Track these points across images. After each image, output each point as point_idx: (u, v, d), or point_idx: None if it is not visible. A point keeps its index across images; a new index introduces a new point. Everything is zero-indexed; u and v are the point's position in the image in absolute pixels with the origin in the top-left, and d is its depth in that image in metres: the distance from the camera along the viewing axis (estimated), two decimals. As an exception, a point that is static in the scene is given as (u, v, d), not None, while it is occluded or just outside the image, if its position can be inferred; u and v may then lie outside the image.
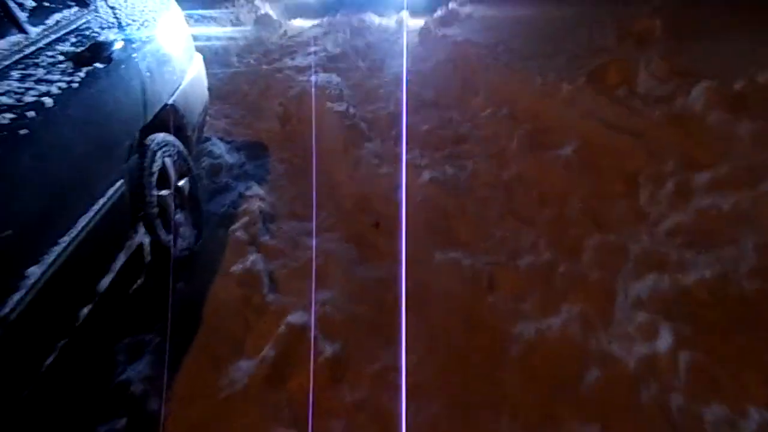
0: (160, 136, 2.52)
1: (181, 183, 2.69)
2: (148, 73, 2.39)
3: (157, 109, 2.49)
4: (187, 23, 6.97)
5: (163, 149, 2.53)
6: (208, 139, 3.91)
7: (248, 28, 7.75)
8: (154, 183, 2.41)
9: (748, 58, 3.78)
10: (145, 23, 2.56)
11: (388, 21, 7.96)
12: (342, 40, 6.82)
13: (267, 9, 8.75)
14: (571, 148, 3.37)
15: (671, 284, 2.09)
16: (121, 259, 2.10)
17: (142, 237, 2.27)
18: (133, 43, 2.36)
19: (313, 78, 5.23)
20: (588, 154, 3.28)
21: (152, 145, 2.43)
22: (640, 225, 2.59)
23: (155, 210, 2.38)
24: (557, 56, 4.86)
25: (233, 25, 7.63)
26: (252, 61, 6.20)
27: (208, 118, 3.70)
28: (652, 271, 2.21)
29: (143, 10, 2.60)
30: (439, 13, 7.74)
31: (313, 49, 6.47)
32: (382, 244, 2.86)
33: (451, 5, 8.17)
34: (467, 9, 7.66)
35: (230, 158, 3.75)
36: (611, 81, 4.11)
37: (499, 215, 3.00)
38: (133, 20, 2.45)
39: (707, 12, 5.73)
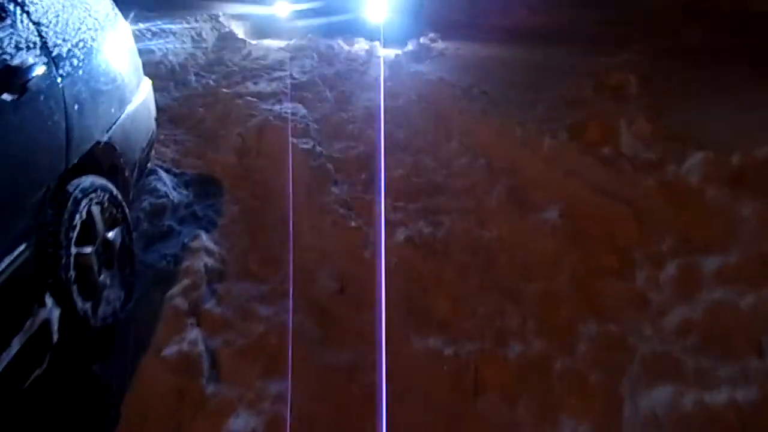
0: (88, 181, 2.06)
1: (110, 235, 2.21)
2: (76, 106, 1.93)
3: (85, 149, 2.02)
4: (143, 37, 6.49)
5: (91, 196, 2.06)
6: (152, 172, 3.42)
7: (210, 45, 7.27)
8: (74, 239, 1.94)
9: (736, 124, 3.63)
10: (81, 44, 2.10)
11: (358, 49, 7.65)
12: (309, 67, 6.44)
13: (232, 27, 8.30)
14: (556, 211, 3.07)
15: (693, 403, 1.77)
16: (16, 345, 1.61)
17: (50, 311, 1.78)
18: (61, 68, 1.90)
19: (277, 107, 4.82)
20: (575, 220, 2.99)
21: (76, 193, 1.96)
22: (642, 314, 2.29)
23: (71, 274, 1.90)
24: (535, 105, 4.63)
25: (194, 41, 7.13)
26: (211, 83, 5.71)
27: (153, 151, 3.22)
28: (665, 379, 1.90)
29: (79, 28, 2.14)
30: (410, 46, 7.50)
31: (278, 74, 6.06)
32: (349, 318, 2.45)
33: (422, 40, 7.96)
34: (439, 45, 7.45)
35: (177, 196, 3.27)
36: (593, 138, 3.88)
37: (480, 286, 2.64)
38: (64, 40, 1.99)
39: (677, 65, 5.70)
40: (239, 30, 8.42)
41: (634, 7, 9.57)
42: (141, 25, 6.80)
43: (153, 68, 5.80)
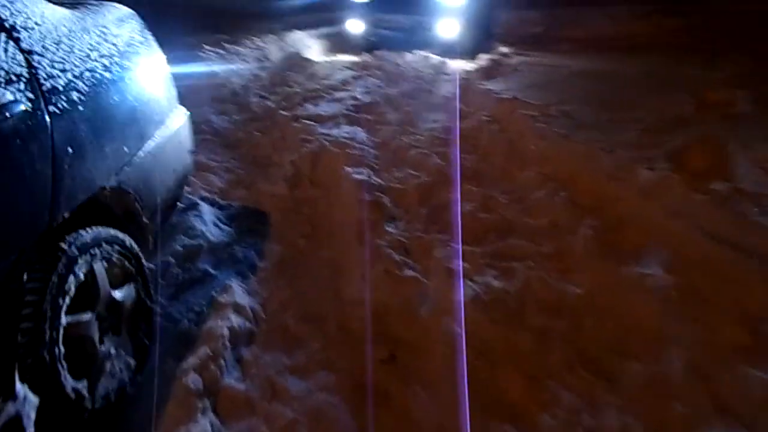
0: (90, 235, 1.72)
1: (119, 294, 1.87)
2: (70, 149, 1.59)
3: (84, 198, 1.69)
4: (208, 59, 6.36)
5: (93, 252, 1.72)
6: (193, 206, 3.12)
7: (275, 66, 7.09)
8: (65, 307, 1.59)
9: None
10: (88, 74, 1.78)
11: (426, 66, 7.22)
12: (374, 86, 6.07)
13: (299, 46, 8.13)
14: (660, 264, 2.45)
15: None
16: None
17: (21, 404, 1.44)
18: (53, 104, 1.58)
19: (334, 131, 4.46)
20: (687, 276, 2.36)
21: (70, 250, 1.63)
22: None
23: (58, 351, 1.56)
24: (625, 127, 3.98)
25: (259, 62, 6.97)
26: (271, 105, 5.46)
27: (189, 181, 2.90)
28: None
29: (88, 56, 1.83)
30: (481, 62, 6.98)
31: (340, 94, 5.72)
32: (398, 396, 1.98)
33: (494, 54, 7.43)
34: (513, 60, 6.88)
35: (216, 234, 2.94)
36: (700, 168, 3.20)
37: (563, 362, 2.09)
38: (63, 70, 1.67)
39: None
40: (306, 49, 8.24)
41: (722, 13, 8.57)
42: (207, 47, 6.72)
43: (214, 91, 5.65)
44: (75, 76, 1.70)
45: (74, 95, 1.68)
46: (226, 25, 7.84)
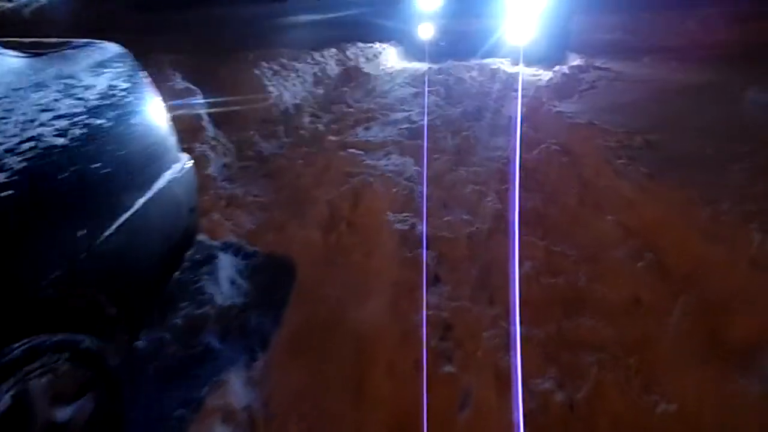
0: (20, 349, 1.33)
1: (64, 414, 1.48)
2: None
3: (13, 304, 1.31)
4: (262, 77, 6.07)
5: (25, 370, 1.33)
6: (210, 259, 2.74)
7: (332, 82, 6.73)
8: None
9: None
10: (27, 146, 1.39)
11: (492, 80, 6.61)
12: (433, 106, 5.54)
13: (360, 60, 7.73)
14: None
15: None
16: None
17: None
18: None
19: (382, 162, 3.99)
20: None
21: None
22: None
23: None
24: (728, 166, 3.23)
25: (316, 78, 6.62)
26: (321, 128, 5.06)
27: (195, 241, 2.49)
28: None
29: (34, 120, 1.44)
30: (554, 77, 6.26)
31: (396, 115, 5.24)
32: None
33: (568, 68, 6.68)
34: (589, 75, 6.11)
35: (228, 295, 2.53)
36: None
37: None
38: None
39: None
40: (367, 62, 7.84)
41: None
42: (264, 64, 6.45)
43: (264, 112, 5.34)
44: (6, 150, 1.32)
45: (3, 174, 1.29)
46: (286, 40, 7.57)
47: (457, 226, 3.12)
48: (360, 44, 8.03)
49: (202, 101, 4.95)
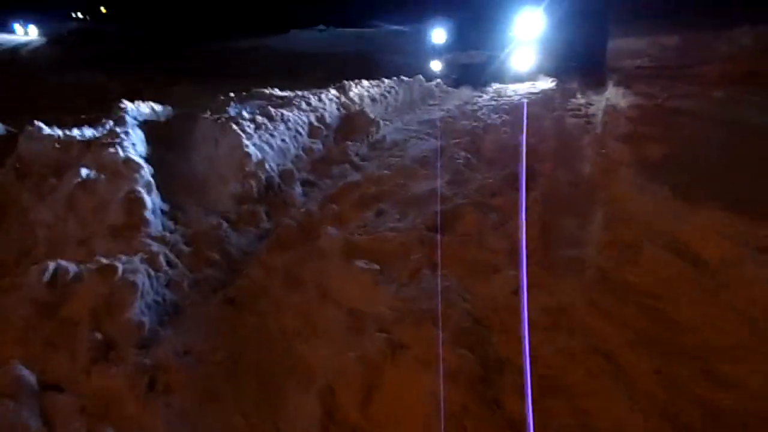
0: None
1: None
2: None
3: None
4: (245, 133, 4.46)
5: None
6: None
7: (332, 133, 5.27)
8: None
9: None
10: None
11: (523, 115, 5.16)
12: (462, 165, 4.07)
13: (365, 101, 6.28)
14: None
15: None
16: None
17: None
18: None
19: (410, 291, 2.47)
20: None
21: None
22: None
23: None
24: None
25: (311, 130, 5.12)
26: (315, 209, 3.55)
27: None
28: None
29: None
30: (590, 109, 4.77)
31: (416, 188, 3.75)
32: None
33: (609, 90, 5.21)
34: (634, 108, 4.64)
35: None
36: None
37: None
38: None
39: None
40: (373, 104, 6.40)
41: None
42: (247, 116, 5.01)
43: (239, 186, 3.87)
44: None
45: None
46: (275, 78, 6.16)
47: None
48: (365, 83, 6.62)
49: (150, 174, 3.48)
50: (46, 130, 4.25)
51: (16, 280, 2.41)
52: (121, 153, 3.51)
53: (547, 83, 7.92)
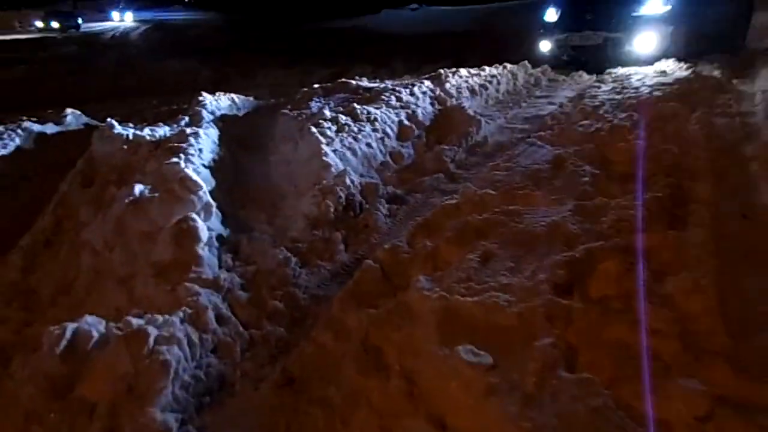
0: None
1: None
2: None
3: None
4: (321, 133, 3.77)
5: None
6: None
7: (423, 133, 4.51)
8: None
9: None
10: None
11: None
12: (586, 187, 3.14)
13: (462, 96, 5.42)
14: None
15: None
16: None
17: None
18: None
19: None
20: None
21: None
22: None
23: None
24: None
25: (402, 128, 4.42)
26: (404, 247, 2.84)
27: None
28: None
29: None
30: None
31: (534, 216, 2.91)
32: None
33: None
34: None
35: None
36: None
37: None
38: None
39: None
40: (474, 98, 5.52)
41: None
42: (328, 115, 4.37)
43: (314, 207, 3.22)
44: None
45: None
46: (361, 63, 5.47)
47: None
48: (463, 72, 5.74)
49: (211, 190, 2.93)
50: (118, 129, 3.85)
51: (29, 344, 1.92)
52: (182, 164, 2.98)
53: (678, 69, 6.61)
